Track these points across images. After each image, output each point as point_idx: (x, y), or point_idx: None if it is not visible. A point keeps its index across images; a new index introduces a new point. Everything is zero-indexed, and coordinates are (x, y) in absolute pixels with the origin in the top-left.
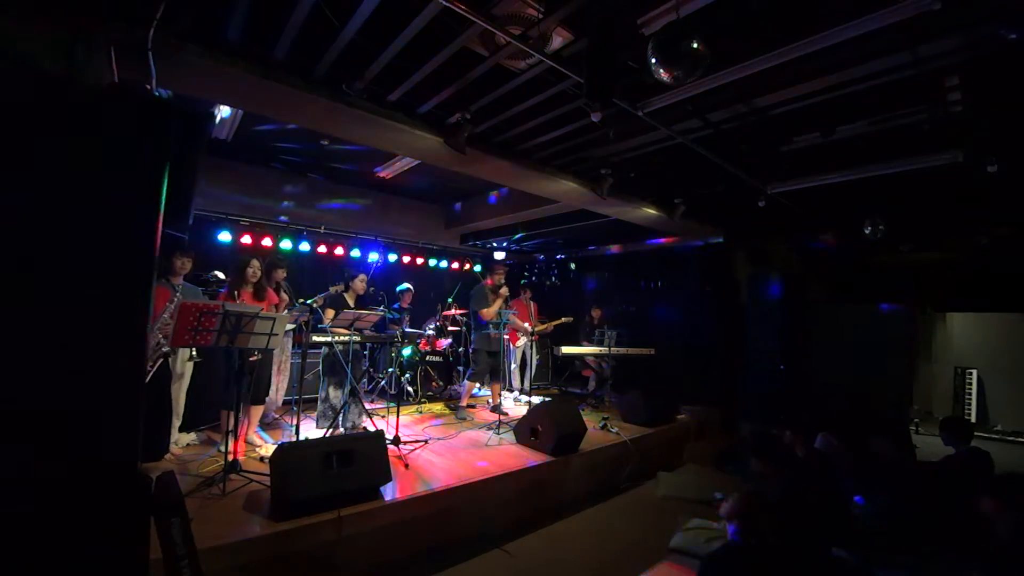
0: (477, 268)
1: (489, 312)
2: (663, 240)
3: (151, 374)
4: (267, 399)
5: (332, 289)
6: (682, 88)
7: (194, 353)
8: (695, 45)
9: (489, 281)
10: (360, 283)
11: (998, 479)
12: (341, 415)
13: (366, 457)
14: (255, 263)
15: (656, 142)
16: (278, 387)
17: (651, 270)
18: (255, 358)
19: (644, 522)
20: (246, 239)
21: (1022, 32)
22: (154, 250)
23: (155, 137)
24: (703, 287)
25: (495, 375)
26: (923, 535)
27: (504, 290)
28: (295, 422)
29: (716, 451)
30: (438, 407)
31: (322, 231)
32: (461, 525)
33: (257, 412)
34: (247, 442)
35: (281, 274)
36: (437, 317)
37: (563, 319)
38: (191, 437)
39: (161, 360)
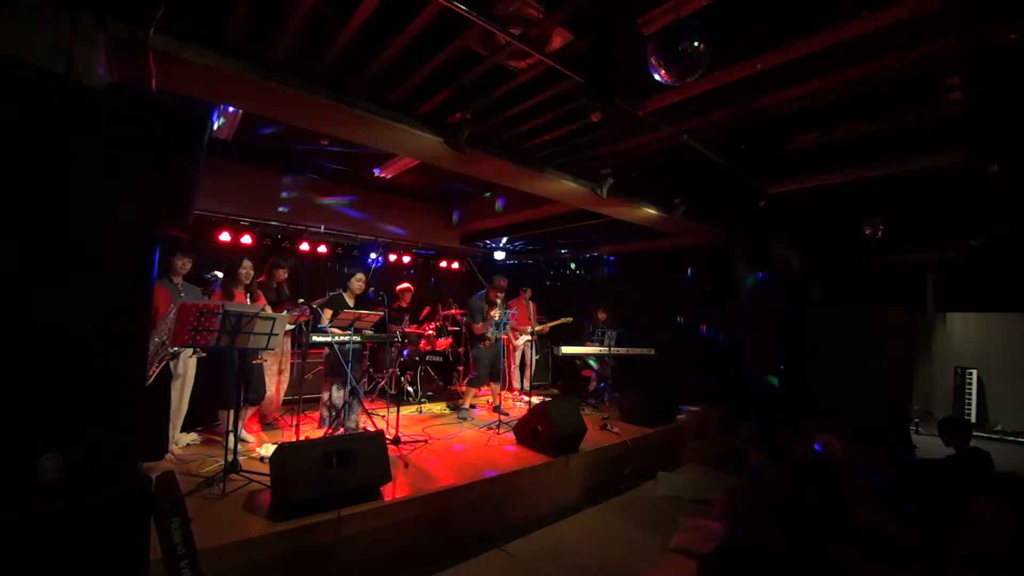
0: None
1: (482, 328)
2: (663, 240)
3: (155, 376)
4: (265, 400)
5: (331, 294)
6: (682, 88)
7: (197, 349)
8: (695, 45)
9: (491, 294)
10: (357, 283)
11: (996, 479)
12: (342, 415)
13: (366, 457)
14: (247, 263)
15: (656, 142)
16: (279, 387)
17: (651, 270)
18: (258, 361)
19: (644, 522)
20: (246, 239)
21: (1022, 32)
22: (154, 250)
23: (155, 137)
24: (703, 287)
25: (495, 376)
26: (923, 535)
27: (496, 312)
28: (295, 422)
29: (716, 451)
30: (438, 407)
31: (322, 231)
32: (461, 525)
33: (247, 413)
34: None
35: (282, 274)
36: (437, 317)
37: (562, 319)
38: (191, 437)
39: (165, 362)
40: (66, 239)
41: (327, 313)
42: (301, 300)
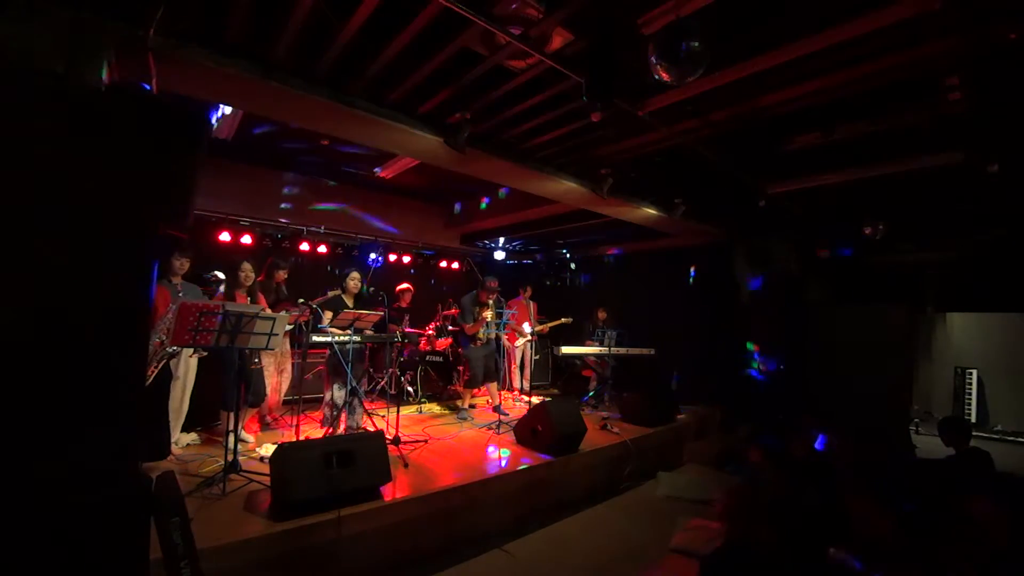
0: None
1: (473, 328)
2: (663, 240)
3: (154, 376)
4: (264, 402)
5: (331, 293)
6: (682, 88)
7: (197, 348)
8: (695, 45)
9: (482, 295)
10: (353, 282)
11: (996, 479)
12: (343, 415)
13: (366, 457)
14: (246, 266)
15: (656, 142)
16: (277, 387)
17: (651, 270)
18: (256, 366)
19: (644, 522)
20: (246, 239)
21: (1022, 32)
22: (154, 250)
23: (155, 137)
24: (703, 287)
25: (490, 376)
26: (922, 535)
27: (488, 313)
28: (295, 422)
29: (716, 451)
30: (438, 407)
31: (322, 231)
32: (461, 525)
33: (247, 414)
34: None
35: (282, 275)
36: (437, 317)
37: (562, 319)
38: (191, 437)
39: (165, 361)
40: (66, 239)
41: (327, 315)
42: (301, 300)
